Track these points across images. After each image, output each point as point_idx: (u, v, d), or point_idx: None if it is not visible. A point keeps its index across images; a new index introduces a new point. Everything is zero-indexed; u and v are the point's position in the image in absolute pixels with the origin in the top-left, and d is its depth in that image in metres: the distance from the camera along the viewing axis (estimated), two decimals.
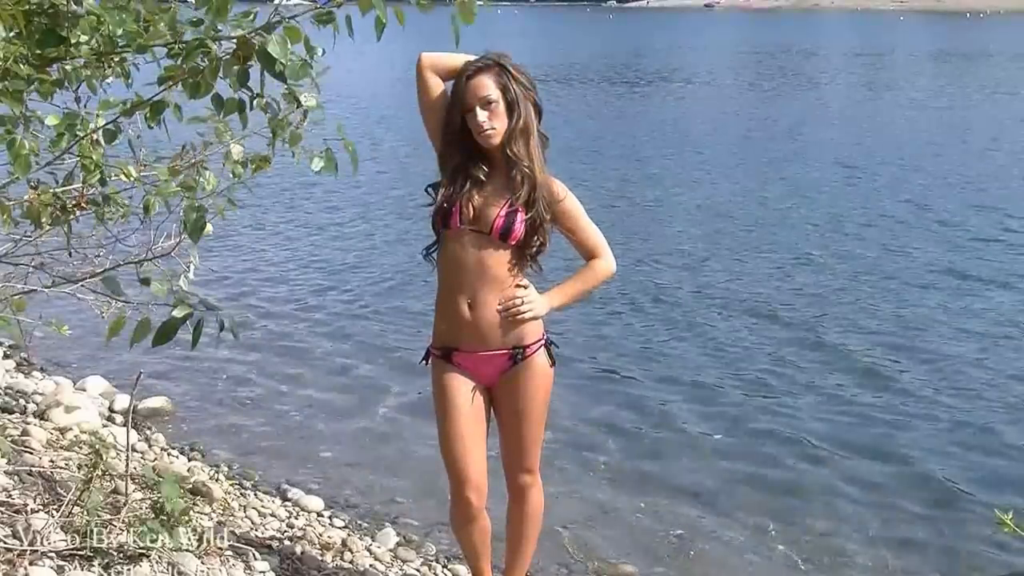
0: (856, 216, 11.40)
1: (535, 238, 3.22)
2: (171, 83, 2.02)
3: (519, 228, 3.17)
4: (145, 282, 2.66)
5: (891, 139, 17.38)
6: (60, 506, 3.53)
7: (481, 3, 2.10)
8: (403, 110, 19.46)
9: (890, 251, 9.86)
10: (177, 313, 2.32)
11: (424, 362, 3.43)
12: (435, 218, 3.25)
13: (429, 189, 3.31)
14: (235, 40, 1.88)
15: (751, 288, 8.63)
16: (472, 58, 3.19)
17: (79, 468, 3.89)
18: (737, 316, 7.91)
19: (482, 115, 3.12)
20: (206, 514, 4.20)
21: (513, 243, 3.19)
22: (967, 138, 17.43)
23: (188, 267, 2.97)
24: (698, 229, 10.85)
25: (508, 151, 3.17)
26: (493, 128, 3.15)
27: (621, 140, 17.15)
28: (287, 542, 4.17)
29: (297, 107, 2.21)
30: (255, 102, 2.00)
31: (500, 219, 3.17)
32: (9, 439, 4.31)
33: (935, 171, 14.15)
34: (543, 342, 3.35)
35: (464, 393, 3.30)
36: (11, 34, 2.06)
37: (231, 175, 2.69)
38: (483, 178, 3.19)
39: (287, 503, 4.74)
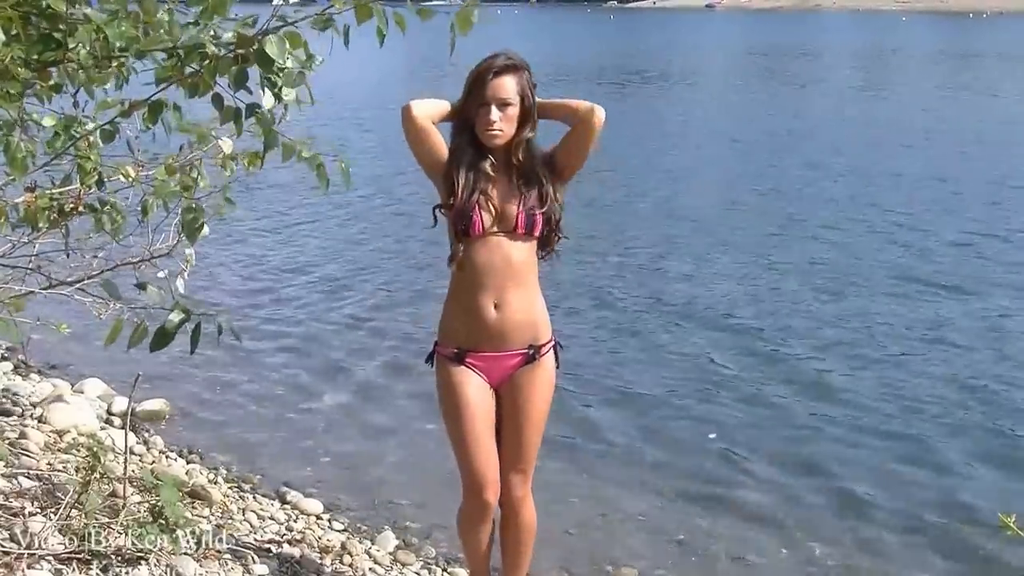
0: (839, 221, 11.21)
1: (553, 228, 3.27)
2: (168, 83, 2.00)
3: (540, 220, 3.22)
4: (142, 287, 2.64)
5: (884, 141, 17.22)
6: (58, 509, 3.52)
7: (478, 6, 2.07)
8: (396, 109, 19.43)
9: (883, 256, 9.82)
10: (174, 317, 2.29)
11: (428, 363, 3.42)
12: (455, 227, 3.23)
13: (438, 212, 3.30)
14: (233, 42, 1.86)
15: (746, 289, 8.61)
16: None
17: (77, 471, 3.88)
18: (734, 317, 7.89)
19: (496, 114, 3.14)
20: (205, 517, 4.18)
21: (538, 235, 3.24)
22: (957, 140, 17.26)
23: (185, 268, 2.96)
24: (670, 230, 10.78)
25: (517, 158, 3.21)
26: (501, 130, 3.16)
27: (609, 139, 17.05)
28: (286, 545, 4.15)
29: (278, 102, 2.15)
30: (251, 111, 1.97)
31: (522, 214, 3.20)
32: (7, 442, 4.30)
33: (923, 174, 13.88)
34: (553, 342, 3.39)
35: (477, 395, 3.29)
36: (10, 35, 2.05)
37: (225, 172, 2.66)
38: (492, 173, 3.20)
39: (286, 506, 4.72)
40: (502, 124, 3.15)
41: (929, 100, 23.85)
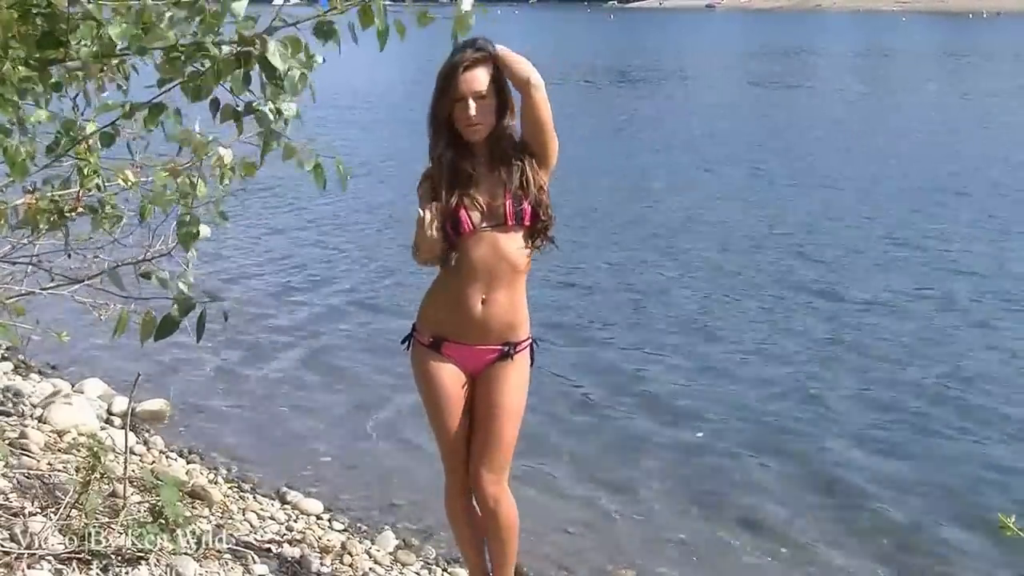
0: (820, 225, 11.22)
1: (540, 215, 3.24)
2: (170, 86, 2.00)
3: (527, 208, 3.21)
4: (145, 276, 2.64)
5: (876, 144, 17.01)
6: (58, 509, 3.52)
7: (477, 5, 2.08)
8: (395, 113, 19.52)
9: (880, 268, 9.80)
10: (178, 306, 2.29)
11: (405, 344, 3.45)
12: (444, 229, 3.21)
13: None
14: (235, 42, 1.86)
15: (736, 286, 8.61)
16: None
17: (77, 471, 3.88)
18: (730, 316, 7.89)
19: (473, 108, 3.13)
20: (205, 517, 4.18)
21: (528, 224, 3.23)
22: (940, 141, 17.14)
23: (186, 269, 2.96)
24: (640, 229, 10.81)
25: (496, 147, 3.21)
26: (480, 123, 3.16)
27: (601, 137, 16.96)
28: (286, 545, 4.15)
29: (279, 115, 2.15)
30: (252, 108, 1.97)
31: (510, 207, 3.20)
32: (7, 442, 4.30)
33: (905, 179, 13.64)
34: (530, 341, 3.41)
35: (450, 381, 3.34)
36: (8, 35, 2.04)
37: (220, 182, 2.65)
38: (471, 171, 3.19)
39: (286, 506, 4.72)
40: (481, 117, 3.15)
41: (923, 102, 23.74)
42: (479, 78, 3.12)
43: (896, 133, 18.27)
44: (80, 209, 2.61)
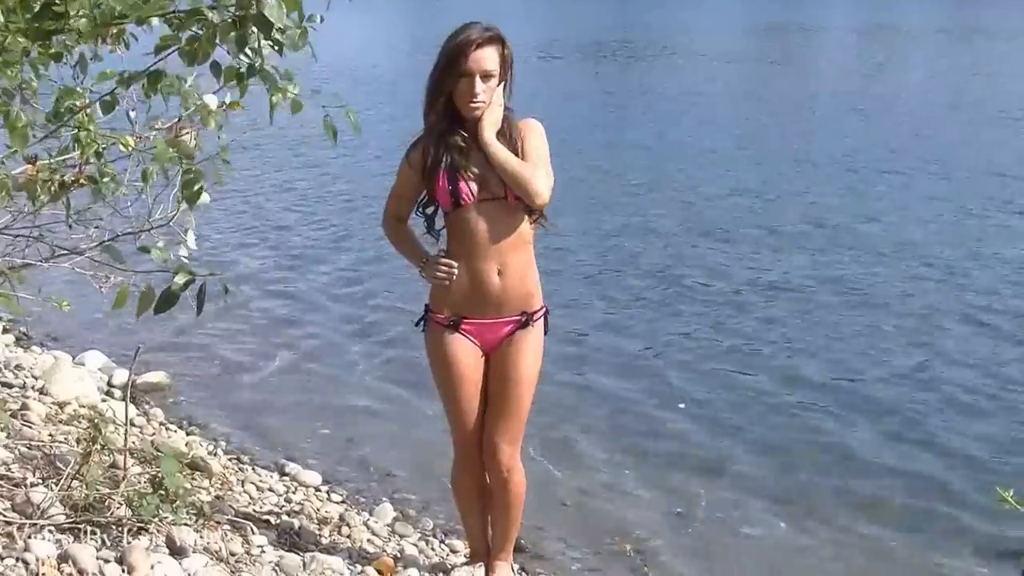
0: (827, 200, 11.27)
1: None
2: (167, 52, 2.00)
3: None
4: (144, 250, 2.65)
5: (870, 124, 16.84)
6: (59, 479, 3.54)
7: None
8: (393, 76, 19.43)
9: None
10: (179, 279, 2.30)
11: (420, 325, 3.46)
12: (441, 199, 3.24)
13: (426, 213, 3.37)
14: (232, 6, 1.86)
15: (762, 264, 8.60)
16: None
17: (78, 442, 3.90)
18: (738, 291, 7.89)
19: (480, 86, 3.13)
20: (204, 488, 4.21)
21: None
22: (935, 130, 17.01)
23: (186, 235, 2.96)
24: (644, 204, 10.76)
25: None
26: (484, 102, 3.16)
27: (595, 113, 16.82)
28: (285, 517, 4.18)
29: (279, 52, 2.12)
30: (254, 69, 1.97)
31: None
32: (8, 413, 4.32)
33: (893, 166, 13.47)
34: (544, 310, 3.43)
35: (468, 360, 3.36)
36: (8, 10, 2.04)
37: (210, 127, 2.64)
38: (464, 144, 3.19)
39: (285, 478, 4.75)
40: (485, 96, 3.15)
41: (918, 79, 23.55)
42: (489, 57, 3.13)
43: (891, 111, 18.11)
44: (82, 181, 2.61)
